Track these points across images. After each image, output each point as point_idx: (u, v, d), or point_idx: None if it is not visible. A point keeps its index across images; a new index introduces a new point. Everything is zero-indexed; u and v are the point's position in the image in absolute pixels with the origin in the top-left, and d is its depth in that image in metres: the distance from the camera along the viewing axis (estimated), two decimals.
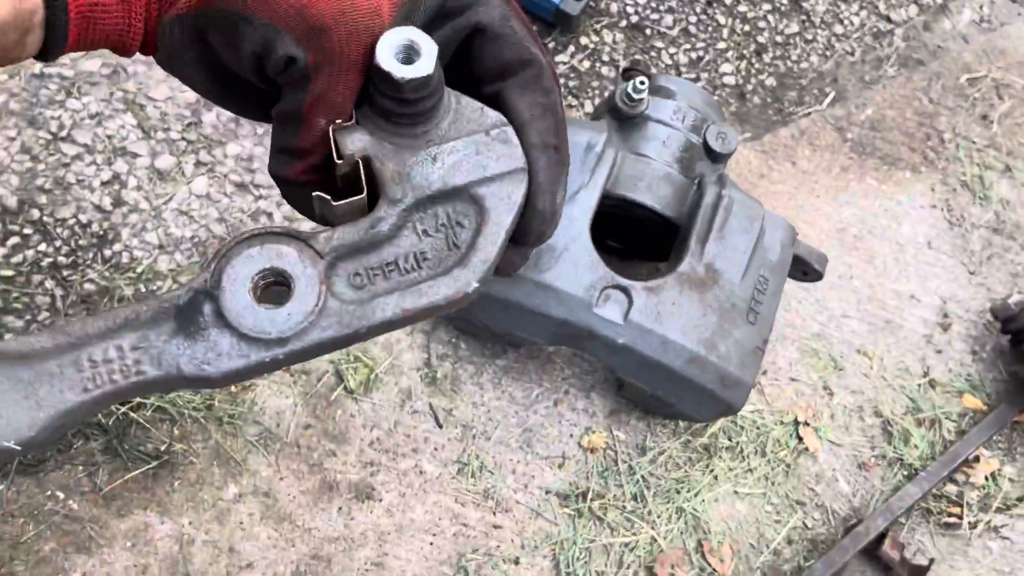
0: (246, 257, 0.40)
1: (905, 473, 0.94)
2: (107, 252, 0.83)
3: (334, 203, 0.40)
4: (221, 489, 0.77)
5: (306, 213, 0.44)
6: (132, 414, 0.78)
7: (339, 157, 0.42)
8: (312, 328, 0.41)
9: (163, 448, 0.77)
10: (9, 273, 0.80)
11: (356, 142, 0.42)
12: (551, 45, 1.08)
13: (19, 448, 0.37)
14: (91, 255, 0.83)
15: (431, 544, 0.80)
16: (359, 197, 0.41)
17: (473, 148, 0.43)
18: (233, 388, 0.81)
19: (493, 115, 0.43)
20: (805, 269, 0.90)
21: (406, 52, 0.40)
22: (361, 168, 0.42)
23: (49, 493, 0.74)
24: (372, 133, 0.42)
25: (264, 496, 0.78)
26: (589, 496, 0.85)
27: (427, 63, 0.39)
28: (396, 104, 0.41)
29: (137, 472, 0.76)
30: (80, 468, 0.75)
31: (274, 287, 0.41)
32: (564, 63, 1.07)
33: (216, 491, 0.77)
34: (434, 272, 0.42)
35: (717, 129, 0.87)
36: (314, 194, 0.41)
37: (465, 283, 0.42)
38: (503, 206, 0.42)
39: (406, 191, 0.42)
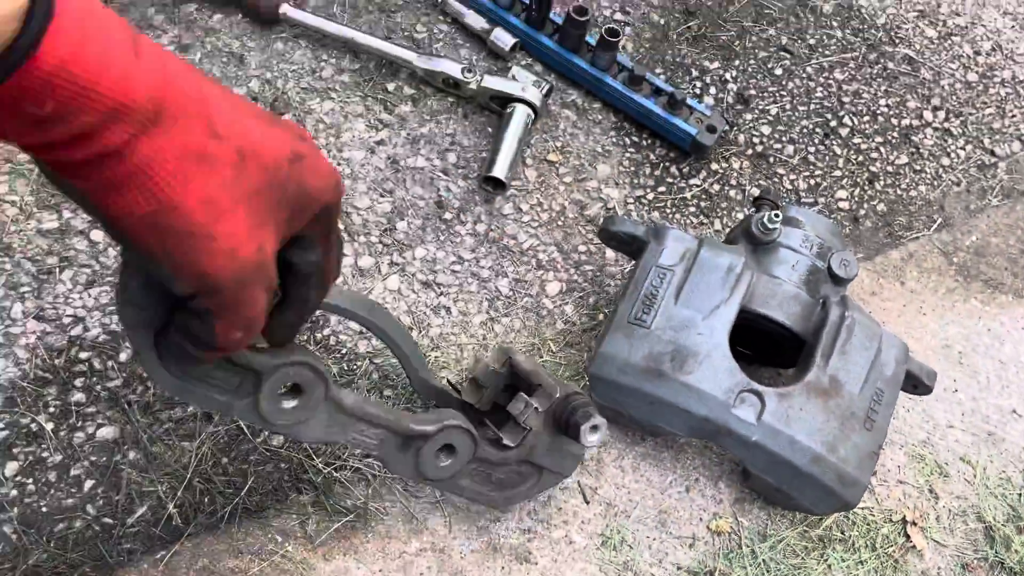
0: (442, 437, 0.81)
1: None
2: (319, 335, 1.00)
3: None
4: (406, 543, 0.91)
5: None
6: (335, 473, 0.93)
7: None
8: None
9: (360, 504, 0.92)
10: None
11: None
12: (686, 170, 1.23)
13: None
14: (305, 337, 1.00)
15: None
16: None
17: None
18: None
19: None
20: (916, 383, 1.01)
21: None
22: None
23: (270, 536, 0.89)
24: None
25: (440, 552, 0.91)
26: (716, 575, 0.96)
27: None
28: None
29: (339, 524, 0.91)
30: (294, 517, 0.91)
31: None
32: (697, 186, 1.22)
33: (402, 544, 0.91)
34: None
35: (841, 257, 1.00)
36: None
37: None
38: None
39: None
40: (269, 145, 0.46)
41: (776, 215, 0.99)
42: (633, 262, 1.12)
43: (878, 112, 1.34)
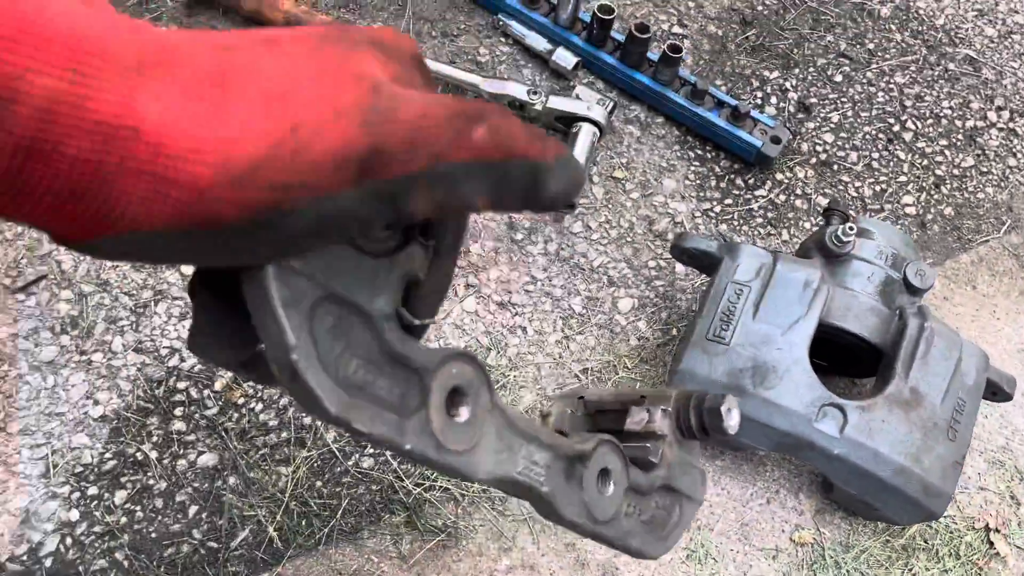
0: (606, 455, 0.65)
1: None
2: None
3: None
4: (496, 561, 0.94)
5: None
6: (425, 494, 0.96)
7: None
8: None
9: (450, 523, 0.95)
10: None
11: None
12: (751, 181, 1.24)
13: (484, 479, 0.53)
14: None
15: None
16: None
17: None
18: None
19: None
20: (995, 390, 1.01)
21: None
22: None
23: (366, 557, 0.92)
24: None
25: (530, 569, 0.94)
26: None
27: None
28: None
29: (431, 543, 0.94)
30: (388, 537, 0.94)
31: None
32: (763, 196, 1.23)
33: (492, 563, 0.94)
34: None
35: (916, 267, 1.00)
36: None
37: None
38: None
39: None
40: (298, 34, 0.33)
41: (850, 228, 0.99)
42: (704, 276, 1.13)
43: (941, 115, 1.34)
